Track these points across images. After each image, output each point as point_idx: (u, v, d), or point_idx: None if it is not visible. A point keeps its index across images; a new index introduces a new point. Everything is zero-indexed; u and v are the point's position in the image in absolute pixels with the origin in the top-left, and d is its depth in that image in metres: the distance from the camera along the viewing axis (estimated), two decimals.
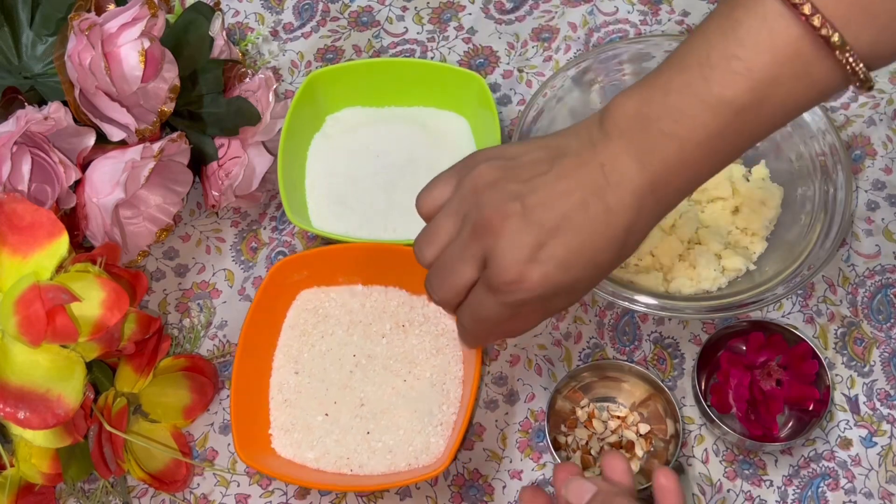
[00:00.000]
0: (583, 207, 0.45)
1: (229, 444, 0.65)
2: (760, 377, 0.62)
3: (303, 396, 0.63)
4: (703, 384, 0.63)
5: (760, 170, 0.69)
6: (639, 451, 0.62)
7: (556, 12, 0.80)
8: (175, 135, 0.63)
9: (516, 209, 0.46)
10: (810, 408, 0.62)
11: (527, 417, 0.65)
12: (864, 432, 0.63)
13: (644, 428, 0.63)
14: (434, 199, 0.50)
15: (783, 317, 0.67)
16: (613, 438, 0.63)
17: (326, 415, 0.62)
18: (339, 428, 0.62)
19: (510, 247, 0.46)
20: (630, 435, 0.63)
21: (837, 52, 0.41)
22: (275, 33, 0.80)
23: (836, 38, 0.40)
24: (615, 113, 0.46)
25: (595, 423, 0.63)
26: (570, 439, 0.62)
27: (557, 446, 0.62)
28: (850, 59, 0.41)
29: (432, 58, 0.78)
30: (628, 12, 0.79)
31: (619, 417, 0.63)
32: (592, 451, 0.62)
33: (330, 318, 0.65)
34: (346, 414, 0.62)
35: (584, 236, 0.46)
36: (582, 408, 0.64)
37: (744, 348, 0.63)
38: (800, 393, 0.62)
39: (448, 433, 0.61)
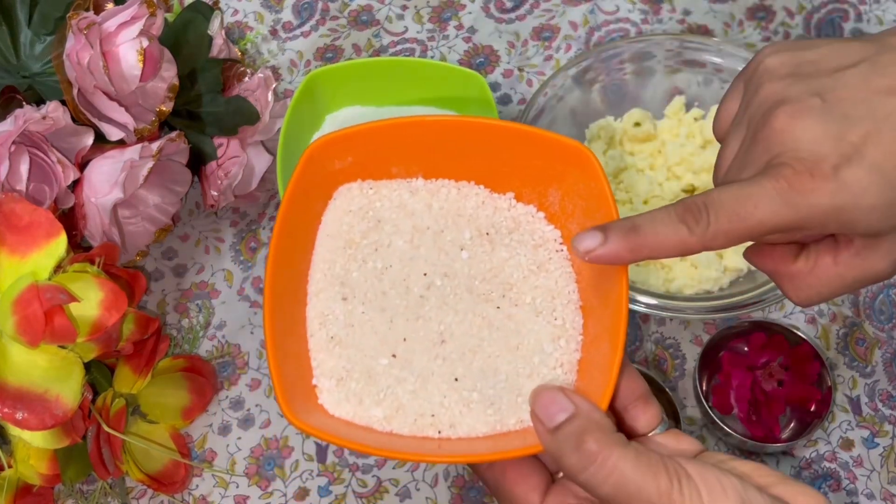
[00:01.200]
0: None
1: (228, 445, 0.65)
2: (762, 378, 0.62)
3: (357, 332, 0.46)
4: (704, 385, 0.63)
5: None
6: None
7: (557, 11, 0.80)
8: (174, 134, 0.63)
9: (814, 104, 0.37)
10: (812, 409, 0.62)
11: None
12: (865, 433, 0.63)
13: None
14: (723, 122, 0.43)
15: (785, 317, 0.67)
16: None
17: (394, 356, 0.46)
18: (415, 374, 0.45)
19: (807, 140, 0.37)
20: None
21: None
22: (274, 32, 0.80)
23: None
24: None
25: None
26: None
27: None
28: None
29: (432, 57, 0.78)
30: (629, 11, 0.79)
31: None
32: None
33: (385, 224, 0.48)
34: (422, 354, 0.46)
35: None
36: None
37: (745, 349, 0.63)
38: (801, 394, 0.61)
39: (572, 377, 0.45)
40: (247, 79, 0.69)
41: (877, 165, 0.36)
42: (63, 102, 0.60)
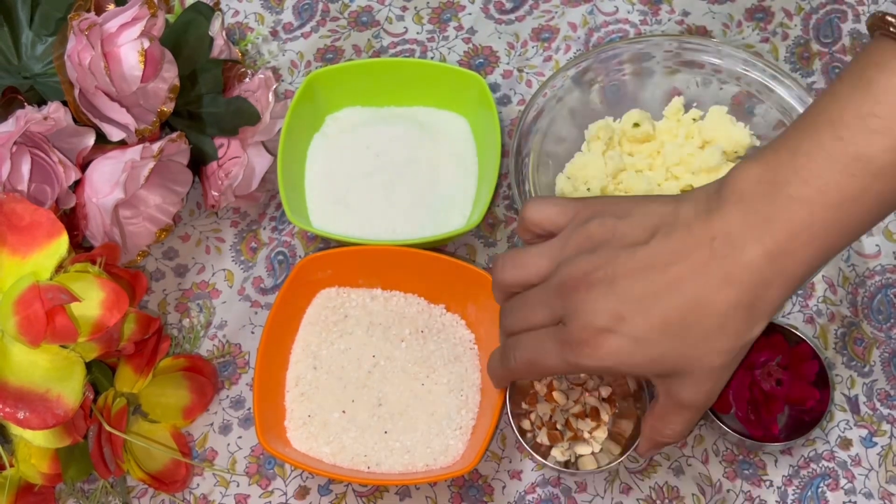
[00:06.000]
0: (675, 285, 0.44)
1: (229, 445, 0.65)
2: (760, 377, 0.62)
3: (320, 391, 0.63)
4: None
5: None
6: (605, 417, 0.61)
7: (556, 12, 0.80)
8: (174, 135, 0.63)
9: (605, 276, 0.45)
10: (810, 408, 0.62)
11: None
12: (864, 432, 0.63)
13: (606, 390, 0.62)
14: (544, 216, 0.51)
15: (783, 317, 0.67)
16: (577, 408, 0.61)
17: (343, 412, 0.62)
18: (357, 426, 0.62)
19: (589, 311, 0.45)
20: (592, 401, 0.61)
21: None
22: (274, 33, 0.80)
23: None
24: (737, 179, 0.44)
25: (556, 395, 0.62)
26: (532, 416, 0.62)
27: (522, 431, 0.61)
28: None
29: (432, 58, 0.78)
30: (628, 12, 0.79)
31: (578, 385, 0.62)
32: (558, 426, 0.61)
33: (350, 318, 0.65)
34: (364, 412, 0.62)
35: (673, 313, 0.44)
36: (539, 382, 0.63)
37: None
38: (800, 393, 0.62)
39: (467, 437, 0.61)
40: (247, 79, 0.69)
41: (637, 335, 0.45)
42: (64, 103, 0.60)
